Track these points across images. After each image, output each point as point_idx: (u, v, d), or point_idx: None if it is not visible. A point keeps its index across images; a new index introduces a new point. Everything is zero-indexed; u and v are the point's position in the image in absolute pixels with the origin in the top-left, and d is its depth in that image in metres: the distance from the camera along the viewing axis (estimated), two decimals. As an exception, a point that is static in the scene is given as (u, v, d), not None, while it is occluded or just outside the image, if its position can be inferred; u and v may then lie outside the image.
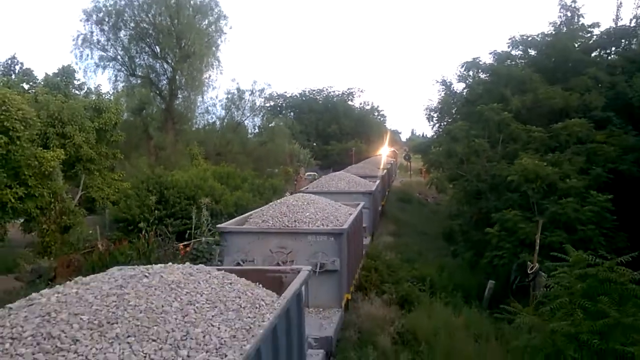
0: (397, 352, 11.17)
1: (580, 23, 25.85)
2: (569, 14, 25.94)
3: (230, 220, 11.83)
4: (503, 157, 19.10)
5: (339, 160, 54.94)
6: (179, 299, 4.49)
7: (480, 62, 26.65)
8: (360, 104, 77.29)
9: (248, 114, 44.00)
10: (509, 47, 26.48)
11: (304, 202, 11.96)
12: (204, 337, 4.09)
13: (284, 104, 69.24)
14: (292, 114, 66.43)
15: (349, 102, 73.10)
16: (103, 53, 37.51)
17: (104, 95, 29.15)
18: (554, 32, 25.16)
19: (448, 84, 29.83)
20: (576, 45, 24.46)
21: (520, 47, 26.51)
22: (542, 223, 13.75)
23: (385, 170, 34.09)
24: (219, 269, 5.67)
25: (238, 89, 42.48)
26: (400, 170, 59.31)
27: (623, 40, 24.61)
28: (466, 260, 18.95)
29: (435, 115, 31.38)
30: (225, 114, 43.22)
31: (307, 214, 11.37)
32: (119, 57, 38.18)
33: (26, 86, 29.33)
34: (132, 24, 37.67)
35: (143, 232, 15.94)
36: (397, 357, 10.89)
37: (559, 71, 23.21)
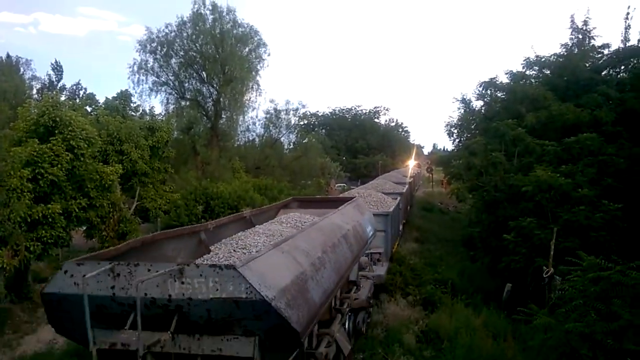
0: (421, 350, 11.02)
1: (590, 44, 25.26)
2: (580, 36, 25.40)
3: None
4: (519, 169, 18.75)
5: (366, 173, 54.83)
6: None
7: (497, 82, 26.28)
8: (386, 120, 77.09)
9: (284, 132, 44.35)
10: (523, 67, 26.06)
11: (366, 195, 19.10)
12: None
13: (316, 122, 69.48)
14: (323, 130, 66.57)
15: (375, 119, 73.03)
16: (156, 79, 38.35)
17: (156, 116, 29.80)
18: (565, 53, 24.67)
19: (467, 101, 29.49)
20: (587, 65, 23.92)
21: (535, 67, 26.06)
22: (557, 230, 13.43)
23: (412, 178, 36.68)
24: None
25: (275, 109, 42.90)
26: (423, 181, 58.80)
27: (632, 60, 23.93)
28: (485, 265, 18.62)
29: (455, 130, 31.01)
30: (263, 131, 43.67)
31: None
32: (170, 82, 38.97)
33: (89, 109, 30.12)
34: (181, 52, 38.45)
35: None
36: (421, 354, 10.74)
37: (571, 89, 22.72)
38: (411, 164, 52.06)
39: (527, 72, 26.19)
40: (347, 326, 9.47)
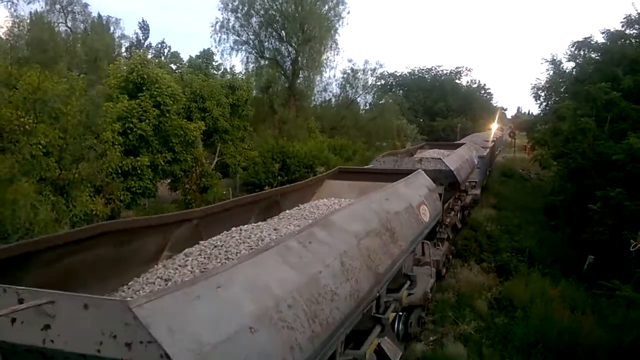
0: (493, 316, 10.92)
1: None
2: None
3: None
4: (610, 136, 17.58)
5: (444, 136, 53.33)
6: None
7: (592, 42, 24.42)
8: (468, 82, 73.92)
9: (361, 92, 43.96)
10: (622, 25, 23.94)
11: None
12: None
13: (393, 82, 68.02)
14: (401, 91, 65.13)
15: (457, 81, 70.25)
16: (237, 37, 39.00)
17: (237, 75, 30.47)
18: (675, 8, 22.39)
19: (557, 62, 27.70)
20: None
21: (636, 25, 23.92)
22: (648, 202, 12.62)
23: (493, 142, 35.25)
24: None
25: (352, 69, 42.51)
26: (505, 146, 56.56)
27: None
28: (566, 235, 17.86)
29: (542, 93, 29.36)
30: (340, 91, 43.54)
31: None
32: (250, 41, 39.50)
33: (174, 67, 31.35)
34: (261, 11, 38.71)
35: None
36: (492, 320, 10.65)
37: (678, 50, 20.73)
38: (494, 127, 49.94)
39: (627, 31, 24.10)
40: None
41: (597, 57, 24.17)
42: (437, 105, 63.07)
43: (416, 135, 47.65)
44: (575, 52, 25.32)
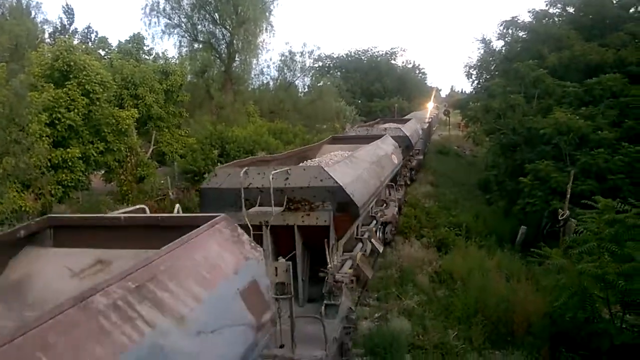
0: (434, 289, 11.31)
1: (619, -21, 24.14)
2: (608, -30, 24.23)
3: None
4: (538, 112, 18.46)
5: (382, 117, 54.05)
6: None
7: (519, 21, 25.46)
8: (403, 62, 75.06)
9: (299, 75, 43.75)
10: (547, 5, 25.11)
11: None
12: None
13: (331, 64, 68.10)
14: (338, 73, 65.30)
15: (392, 61, 71.22)
16: (168, 21, 37.64)
17: (170, 60, 29.54)
18: (592, -11, 23.66)
19: (487, 42, 28.77)
20: (614, 1, 22.96)
21: (559, 4, 25.09)
22: (574, 173, 13.36)
23: (430, 120, 38.36)
24: None
25: (290, 52, 42.21)
26: (440, 125, 58.12)
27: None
28: (500, 208, 18.71)
29: (474, 72, 30.46)
30: (278, 74, 43.16)
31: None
32: (182, 24, 38.27)
33: (102, 52, 29.98)
34: (193, -7, 37.59)
35: (207, 182, 16.35)
36: (434, 294, 11.03)
37: (596, 28, 21.94)
38: (430, 106, 51.13)
39: (551, 10, 25.27)
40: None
41: (524, 36, 25.22)
42: (374, 86, 63.80)
43: (355, 117, 48.06)
44: (504, 31, 26.32)
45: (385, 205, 13.44)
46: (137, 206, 4.32)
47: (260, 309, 3.64)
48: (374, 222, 11.44)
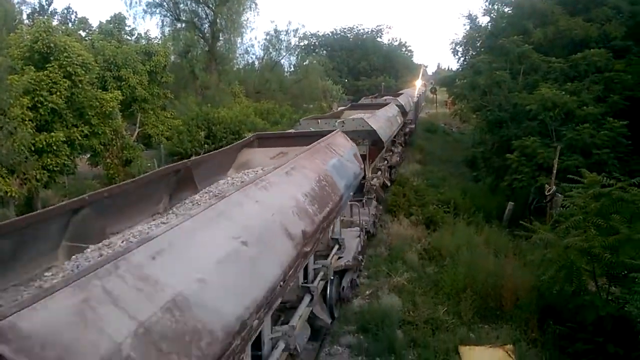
0: (424, 266, 11.44)
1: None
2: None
3: None
4: (524, 88, 18.51)
5: (369, 95, 53.92)
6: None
7: (504, -4, 25.34)
8: (389, 40, 74.73)
9: (284, 54, 43.49)
10: (532, -21, 24.99)
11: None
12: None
13: (317, 43, 67.49)
14: (324, 52, 64.81)
15: (378, 39, 70.73)
16: (150, 0, 37.09)
17: (152, 40, 29.09)
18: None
19: (473, 17, 28.62)
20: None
21: (544, -21, 25.00)
22: (560, 148, 13.49)
23: (418, 95, 40.21)
24: None
25: (275, 30, 41.84)
26: (427, 102, 58.12)
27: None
28: (487, 185, 18.87)
29: (460, 49, 30.33)
30: (263, 54, 42.86)
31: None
32: (164, 3, 37.72)
33: (83, 33, 29.38)
34: (174, -29, 36.93)
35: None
36: (424, 270, 11.16)
37: (581, 2, 21.89)
38: (418, 84, 50.80)
39: (536, -16, 25.16)
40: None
41: (510, 11, 25.14)
42: (361, 65, 63.40)
43: (342, 96, 47.91)
44: (490, 6, 26.20)
45: (392, 153, 19.05)
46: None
47: (359, 163, 9.15)
48: (385, 162, 16.73)
